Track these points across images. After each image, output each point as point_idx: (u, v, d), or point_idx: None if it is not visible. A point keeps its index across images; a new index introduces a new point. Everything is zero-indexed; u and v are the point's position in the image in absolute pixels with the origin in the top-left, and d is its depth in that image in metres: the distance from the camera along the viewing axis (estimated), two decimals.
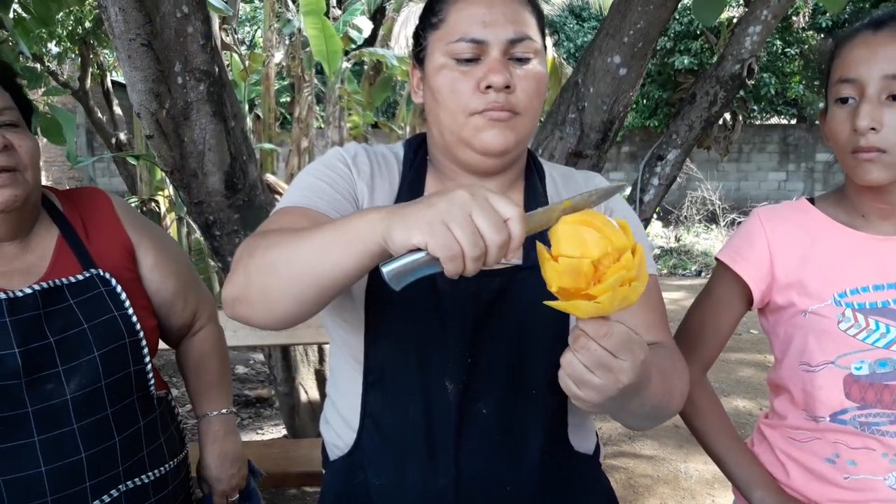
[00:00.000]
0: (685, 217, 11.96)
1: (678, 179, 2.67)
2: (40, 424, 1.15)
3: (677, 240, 11.11)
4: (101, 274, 1.25)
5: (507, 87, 1.01)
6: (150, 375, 1.29)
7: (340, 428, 1.14)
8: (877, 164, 1.13)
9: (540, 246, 0.78)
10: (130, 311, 1.25)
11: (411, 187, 1.12)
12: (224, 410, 1.48)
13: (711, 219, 11.86)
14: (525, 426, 1.07)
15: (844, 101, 1.16)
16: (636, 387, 0.82)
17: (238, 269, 0.91)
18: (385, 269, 0.76)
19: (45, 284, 1.19)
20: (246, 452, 1.53)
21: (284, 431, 3.70)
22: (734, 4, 9.22)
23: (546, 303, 0.77)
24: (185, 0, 1.89)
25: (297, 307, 0.88)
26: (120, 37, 1.82)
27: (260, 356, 5.29)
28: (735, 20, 2.78)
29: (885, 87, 1.12)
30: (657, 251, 10.43)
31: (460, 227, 0.71)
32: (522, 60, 1.04)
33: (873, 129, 1.12)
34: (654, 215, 2.74)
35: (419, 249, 0.74)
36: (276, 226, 0.98)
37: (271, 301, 0.88)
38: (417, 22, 1.13)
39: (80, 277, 1.23)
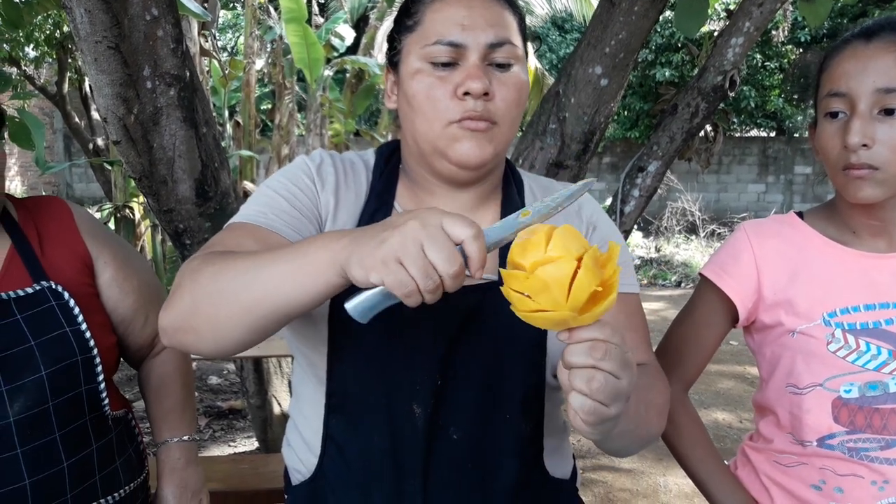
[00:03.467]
0: (665, 228, 12.00)
1: (658, 190, 2.64)
2: None
3: (657, 250, 11.14)
4: (53, 287, 1.17)
5: (486, 94, 0.96)
6: (105, 395, 1.21)
7: (302, 452, 1.08)
8: (868, 181, 1.08)
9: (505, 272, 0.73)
10: (84, 326, 1.17)
11: (380, 197, 1.06)
12: (185, 437, 1.38)
13: (691, 230, 11.91)
14: (498, 453, 1.01)
15: (834, 115, 1.11)
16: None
17: (181, 294, 0.85)
18: (349, 307, 0.75)
19: None
20: (214, 469, 1.45)
21: (257, 444, 3.62)
22: (715, 18, 9.28)
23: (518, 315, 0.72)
24: (155, 2, 1.83)
25: (249, 336, 0.83)
26: (85, 39, 1.75)
27: (233, 366, 5.19)
28: (716, 32, 2.76)
29: (877, 102, 1.06)
30: (637, 261, 10.44)
31: (413, 262, 0.68)
32: (502, 66, 0.99)
33: (865, 145, 1.07)
34: (635, 226, 2.72)
35: None
36: (225, 245, 0.92)
37: (221, 330, 0.83)
38: (392, 24, 1.08)
39: (30, 290, 1.16)
